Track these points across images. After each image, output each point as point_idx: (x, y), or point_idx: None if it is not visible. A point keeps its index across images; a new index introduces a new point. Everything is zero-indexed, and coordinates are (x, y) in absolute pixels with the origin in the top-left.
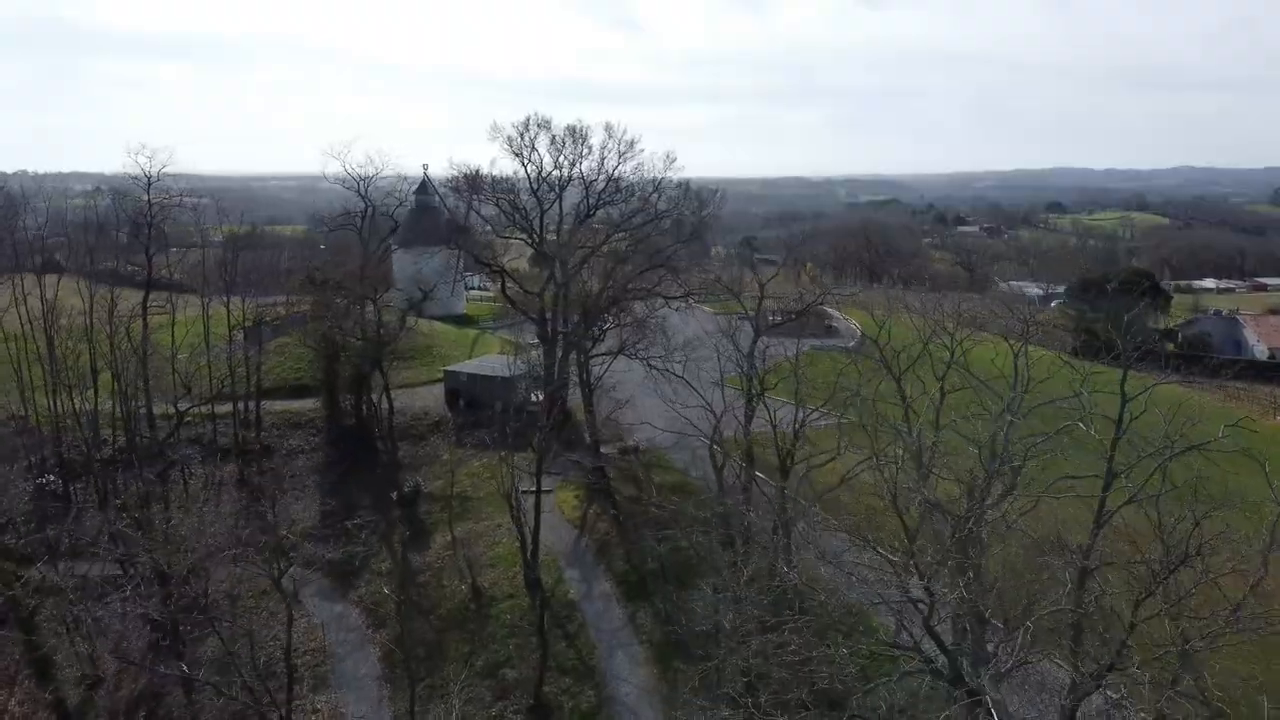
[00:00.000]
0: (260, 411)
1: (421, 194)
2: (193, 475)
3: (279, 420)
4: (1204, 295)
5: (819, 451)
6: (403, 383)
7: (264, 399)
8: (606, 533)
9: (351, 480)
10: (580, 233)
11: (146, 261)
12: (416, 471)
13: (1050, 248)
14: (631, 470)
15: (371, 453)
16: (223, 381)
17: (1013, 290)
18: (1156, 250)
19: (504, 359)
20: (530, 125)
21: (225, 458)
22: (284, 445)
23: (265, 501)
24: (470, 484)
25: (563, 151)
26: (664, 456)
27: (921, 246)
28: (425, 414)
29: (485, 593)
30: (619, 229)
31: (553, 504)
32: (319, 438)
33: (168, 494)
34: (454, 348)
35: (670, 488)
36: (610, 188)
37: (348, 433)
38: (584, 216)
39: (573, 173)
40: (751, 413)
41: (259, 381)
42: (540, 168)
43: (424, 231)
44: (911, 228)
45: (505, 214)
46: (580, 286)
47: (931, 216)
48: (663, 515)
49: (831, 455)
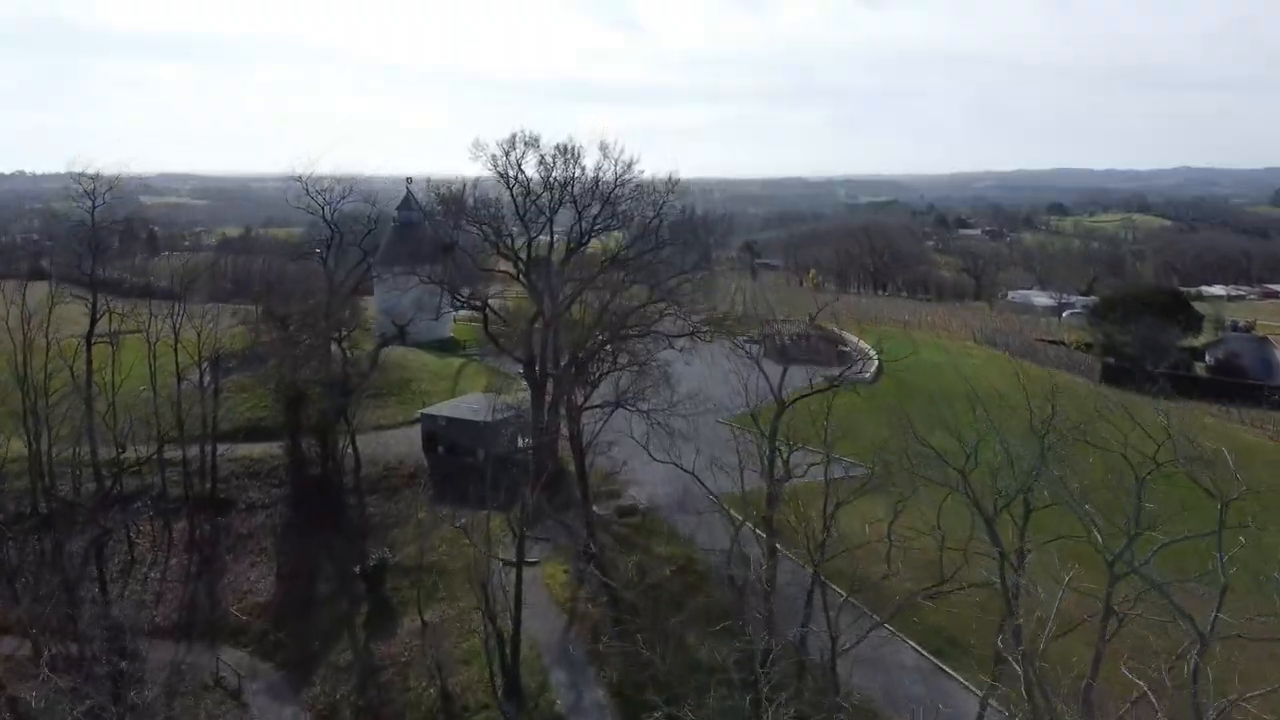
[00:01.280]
0: (216, 458)
1: (405, 209)
2: (140, 533)
3: (238, 468)
4: (1214, 302)
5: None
6: (377, 423)
7: (223, 441)
8: (600, 622)
9: (314, 541)
10: (572, 262)
11: (91, 293)
12: (387, 534)
13: (1055, 251)
14: (630, 538)
15: (338, 508)
16: (170, 428)
17: (1022, 300)
18: (1161, 254)
19: (488, 398)
20: (516, 143)
21: (179, 511)
22: (242, 498)
23: (216, 567)
24: (446, 551)
25: (552, 171)
26: (666, 521)
27: (925, 251)
28: (399, 463)
29: (456, 700)
30: (615, 259)
31: (539, 580)
32: (281, 489)
33: (102, 564)
34: (436, 381)
35: (674, 563)
36: (606, 212)
37: (312, 484)
38: (576, 244)
39: (564, 195)
40: (774, 497)
41: (215, 425)
42: (528, 189)
43: (407, 250)
44: (913, 230)
45: (489, 241)
46: (571, 323)
47: (933, 218)
48: (669, 596)
49: (874, 543)
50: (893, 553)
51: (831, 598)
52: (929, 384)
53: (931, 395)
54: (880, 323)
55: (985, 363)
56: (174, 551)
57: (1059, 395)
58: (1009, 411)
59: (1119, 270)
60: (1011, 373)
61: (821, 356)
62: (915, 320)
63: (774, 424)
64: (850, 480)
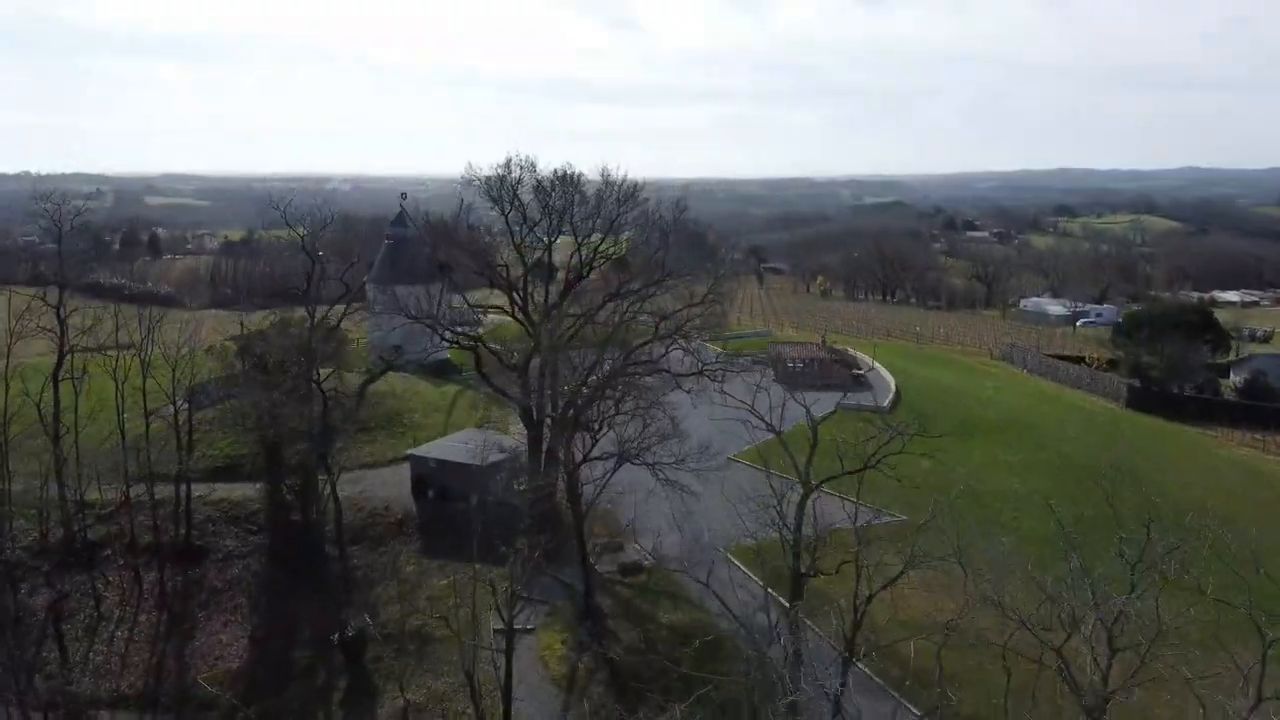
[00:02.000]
0: (191, 502)
1: (398, 225)
2: (109, 584)
3: (215, 512)
4: (1229, 309)
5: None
6: (364, 461)
7: (199, 481)
8: (603, 703)
9: (293, 598)
10: (571, 296)
11: (58, 324)
12: (370, 590)
13: (1064, 254)
14: (634, 602)
15: (319, 560)
16: (140, 469)
17: (1035, 309)
18: (1172, 259)
19: (484, 435)
20: (512, 168)
21: (151, 560)
22: (218, 546)
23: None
24: (433, 612)
25: (550, 198)
26: (675, 579)
27: (935, 258)
28: (385, 508)
29: None
30: (617, 294)
31: (533, 650)
32: (259, 536)
33: (60, 629)
34: (429, 412)
35: (685, 631)
36: (608, 243)
37: (293, 531)
38: (576, 276)
39: (563, 224)
40: (799, 589)
41: (189, 467)
42: (524, 217)
43: (400, 269)
44: (920, 233)
45: (482, 274)
46: (570, 363)
47: (940, 220)
48: (677, 673)
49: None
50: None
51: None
52: (950, 411)
53: (956, 423)
54: (891, 334)
55: (1005, 384)
56: (143, 607)
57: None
58: (1033, 440)
59: (1131, 275)
60: (1033, 393)
61: (834, 379)
62: (927, 332)
63: (805, 473)
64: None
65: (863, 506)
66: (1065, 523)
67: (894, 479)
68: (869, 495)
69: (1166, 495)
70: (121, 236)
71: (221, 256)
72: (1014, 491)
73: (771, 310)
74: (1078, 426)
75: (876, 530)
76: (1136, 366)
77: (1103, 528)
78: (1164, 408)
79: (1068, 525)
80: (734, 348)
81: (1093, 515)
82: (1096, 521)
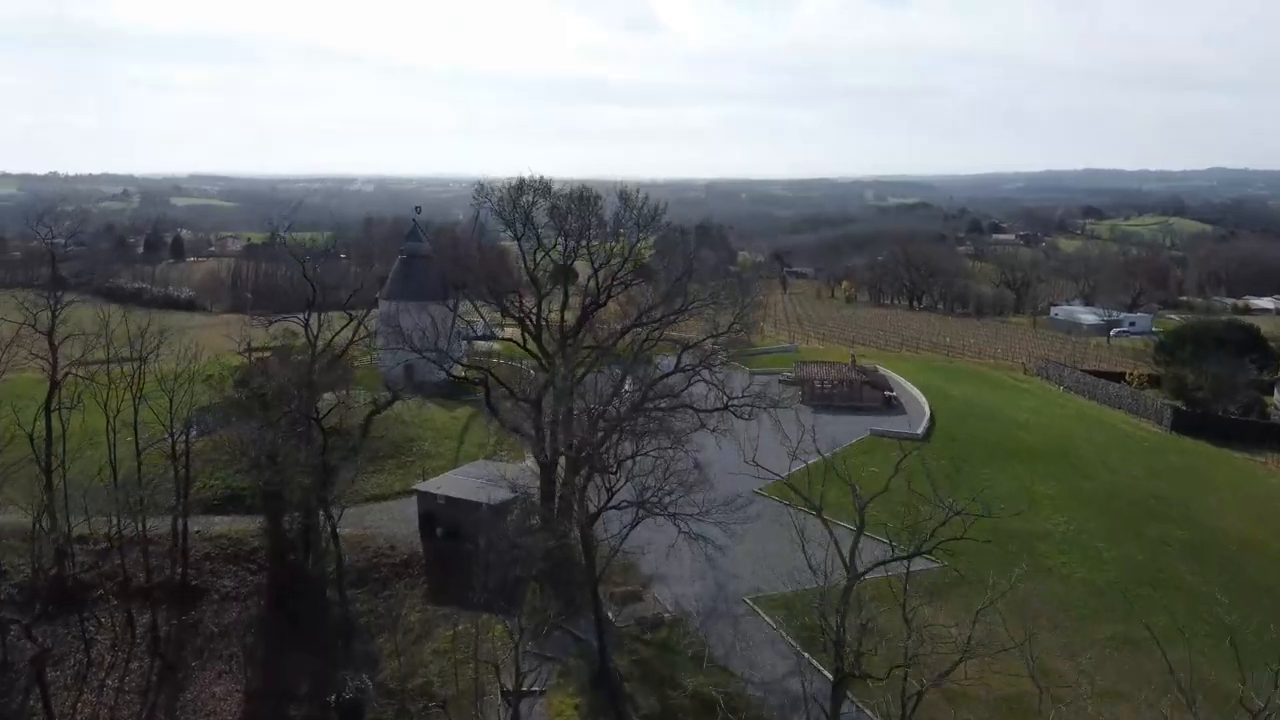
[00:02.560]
0: (188, 538)
1: (413, 240)
2: (101, 626)
3: (213, 548)
4: (1264, 317)
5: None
6: (371, 493)
7: (197, 514)
8: None
9: (291, 648)
10: (587, 326)
11: (50, 351)
12: (373, 639)
13: (1092, 257)
14: (652, 662)
15: (320, 604)
16: (134, 505)
17: (1067, 317)
18: (1205, 263)
19: (496, 468)
20: (526, 190)
21: (146, 601)
22: (216, 586)
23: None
24: (438, 668)
25: (567, 221)
26: (697, 634)
27: (962, 263)
28: (391, 548)
29: None
30: (637, 323)
31: (544, 715)
32: (259, 575)
33: (44, 686)
34: (440, 440)
35: (709, 700)
36: (627, 269)
37: (293, 572)
38: (593, 305)
39: (579, 249)
40: (841, 693)
41: (186, 500)
42: (538, 241)
43: (414, 285)
44: (945, 235)
45: (496, 304)
46: (583, 398)
47: (966, 223)
48: None
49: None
50: None
51: None
52: (987, 436)
53: (992, 450)
54: (920, 346)
55: (1042, 403)
56: (135, 653)
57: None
58: (1076, 469)
59: (1163, 281)
60: (1073, 414)
61: (864, 402)
62: (957, 343)
63: (850, 560)
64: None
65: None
66: (1119, 568)
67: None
68: (903, 531)
69: (1221, 533)
70: (145, 239)
71: (243, 260)
72: (1060, 532)
73: (795, 319)
74: (1122, 453)
75: (916, 580)
76: (1181, 387)
77: (1167, 584)
78: (1209, 431)
79: (1123, 577)
80: (759, 364)
81: (1144, 559)
82: (1151, 568)
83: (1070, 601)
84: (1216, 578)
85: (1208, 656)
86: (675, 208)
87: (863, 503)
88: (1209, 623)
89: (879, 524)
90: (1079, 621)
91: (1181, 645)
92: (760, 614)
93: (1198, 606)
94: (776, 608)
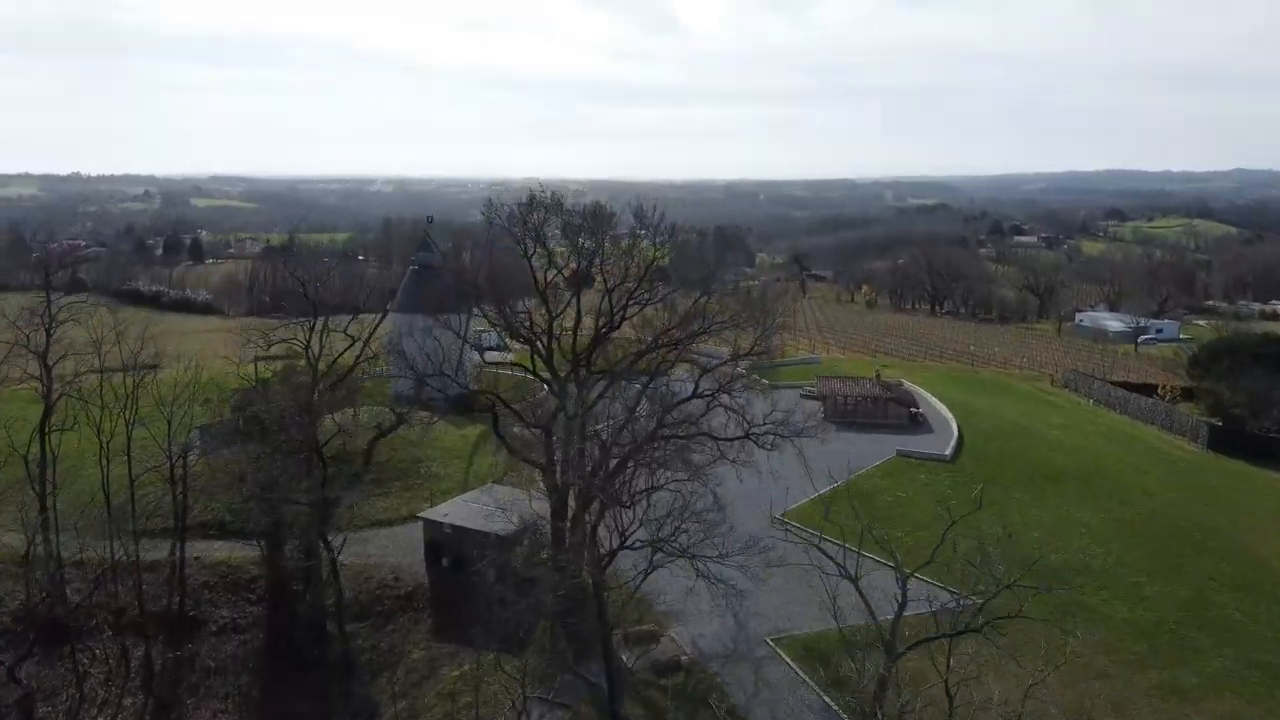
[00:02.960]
0: (185, 565)
1: (424, 250)
2: (95, 659)
3: (212, 576)
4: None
5: None
6: (376, 518)
7: (195, 538)
8: None
9: (289, 688)
10: (601, 350)
11: (44, 372)
12: (374, 680)
13: (1116, 261)
14: (667, 711)
15: (321, 639)
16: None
17: (1092, 324)
18: (1230, 267)
19: (506, 493)
20: (536, 207)
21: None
22: (214, 617)
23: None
24: (442, 711)
25: (580, 240)
26: (715, 679)
27: (985, 268)
28: (395, 578)
29: None
30: (654, 346)
31: None
32: (259, 606)
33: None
34: (449, 460)
35: None
36: (643, 289)
37: (294, 603)
38: (606, 328)
39: (591, 268)
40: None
41: (184, 528)
42: (549, 261)
43: (425, 298)
44: (966, 238)
45: (505, 326)
46: (595, 426)
47: (987, 225)
48: None
49: None
50: None
51: None
52: (1017, 456)
53: (1024, 472)
54: (943, 354)
55: (1071, 419)
56: (129, 688)
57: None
58: (1111, 494)
59: (1189, 286)
60: (1104, 431)
61: (889, 419)
62: (982, 352)
63: (891, 638)
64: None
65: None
66: (1162, 607)
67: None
68: (923, 563)
69: (1267, 566)
70: (164, 240)
71: (261, 262)
72: (1098, 565)
73: (816, 325)
74: (1159, 475)
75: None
76: (1217, 404)
77: (1215, 624)
78: (1246, 449)
79: (1168, 617)
80: (780, 377)
81: (1189, 596)
82: (1196, 606)
83: (1114, 645)
84: (1265, 616)
85: (1262, 706)
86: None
87: (904, 576)
88: (1261, 668)
89: (916, 559)
90: (1124, 669)
91: (1230, 694)
92: (783, 657)
93: (1248, 649)
94: (800, 650)
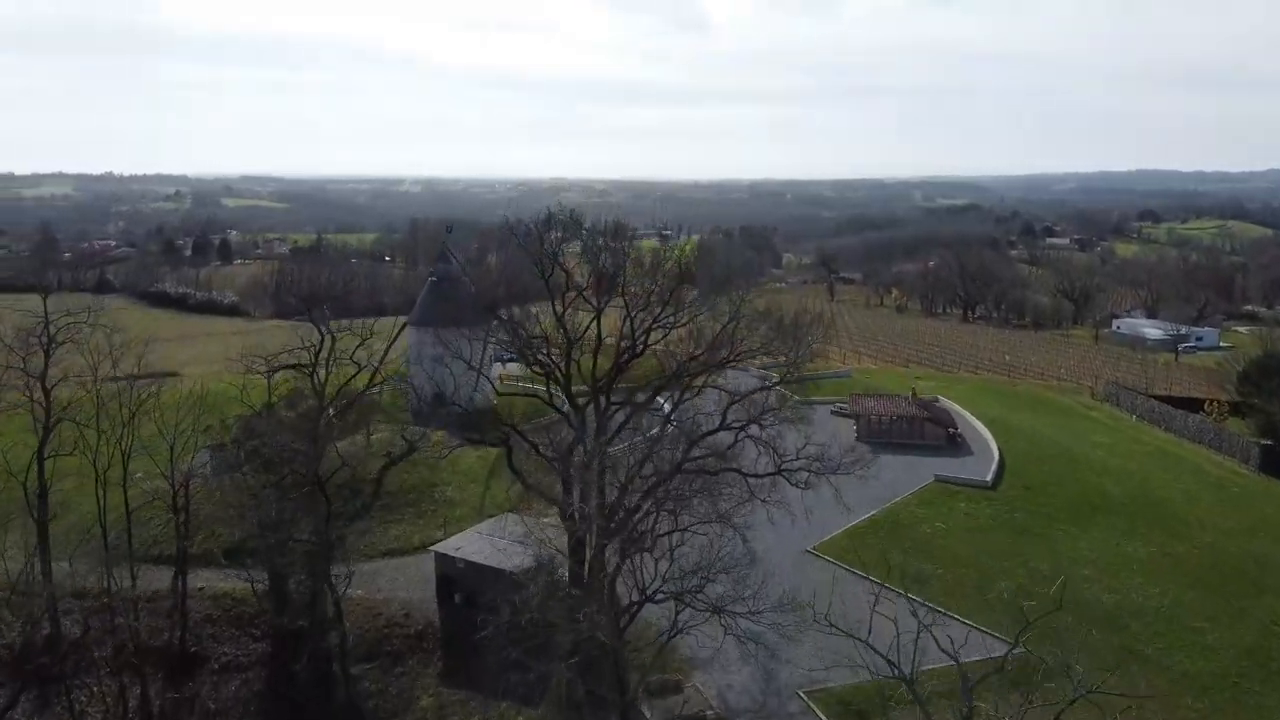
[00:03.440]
0: (187, 598)
1: (442, 262)
2: (92, 696)
3: (214, 609)
4: None
5: None
6: (387, 547)
7: (197, 566)
8: None
9: None
10: (622, 378)
11: (43, 392)
12: None
13: (1152, 264)
14: None
15: (326, 680)
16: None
17: (1131, 332)
18: (1268, 270)
19: (521, 524)
20: (554, 225)
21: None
22: (216, 653)
23: None
24: None
25: (600, 260)
26: None
27: (1017, 271)
28: (405, 615)
29: None
30: (678, 375)
31: None
32: (262, 643)
33: None
34: (464, 484)
35: None
36: (666, 313)
37: (298, 642)
38: (628, 354)
39: (612, 290)
40: None
41: (186, 561)
42: (567, 284)
43: (444, 310)
44: (997, 239)
45: (520, 354)
46: (614, 460)
47: (1018, 226)
48: None
49: None
50: None
51: None
52: (1062, 483)
53: (1070, 501)
54: (979, 365)
55: (1115, 437)
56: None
57: None
58: (1163, 524)
59: (1227, 291)
60: (1151, 451)
61: (926, 439)
62: (1018, 362)
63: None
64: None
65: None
66: (1224, 656)
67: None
68: (959, 601)
69: None
70: (193, 241)
71: (288, 263)
72: (1153, 607)
73: (845, 331)
74: (1211, 503)
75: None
76: (1269, 423)
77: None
78: None
79: (1230, 668)
80: (811, 392)
81: (1252, 643)
82: (1260, 655)
83: (1173, 700)
84: None
85: None
86: (718, 208)
87: (970, 683)
88: None
89: (957, 599)
90: None
91: None
92: (818, 713)
93: None
94: (837, 706)
